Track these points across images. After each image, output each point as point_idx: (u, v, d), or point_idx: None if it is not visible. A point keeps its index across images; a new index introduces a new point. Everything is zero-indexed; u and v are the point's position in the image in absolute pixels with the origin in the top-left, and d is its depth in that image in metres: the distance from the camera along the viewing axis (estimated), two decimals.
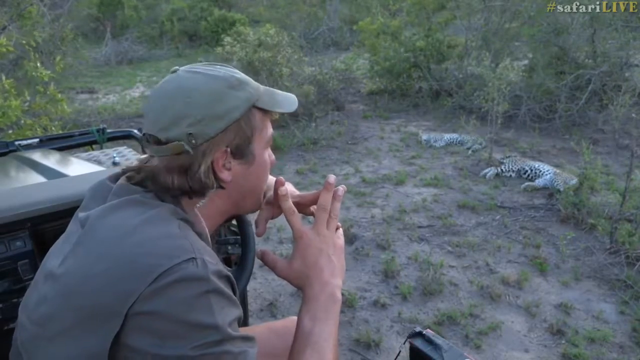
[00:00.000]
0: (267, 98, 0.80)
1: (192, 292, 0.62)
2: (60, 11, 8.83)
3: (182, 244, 0.66)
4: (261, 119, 0.79)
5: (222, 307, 0.64)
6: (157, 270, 0.61)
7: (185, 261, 0.63)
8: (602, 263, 3.04)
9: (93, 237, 0.69)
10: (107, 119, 6.86)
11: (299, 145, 5.70)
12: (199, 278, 0.63)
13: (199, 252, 0.66)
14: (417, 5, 7.84)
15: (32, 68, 3.91)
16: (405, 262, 3.15)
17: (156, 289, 0.60)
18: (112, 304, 0.61)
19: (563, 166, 4.60)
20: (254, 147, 0.79)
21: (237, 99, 0.75)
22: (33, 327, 0.68)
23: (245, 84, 0.77)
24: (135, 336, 0.61)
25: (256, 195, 0.86)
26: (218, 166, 0.75)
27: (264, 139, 0.81)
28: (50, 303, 0.66)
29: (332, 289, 0.82)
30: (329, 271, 0.83)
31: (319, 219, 0.85)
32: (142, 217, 0.69)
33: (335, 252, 0.85)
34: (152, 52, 13.69)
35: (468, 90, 6.62)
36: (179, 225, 0.70)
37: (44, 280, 0.70)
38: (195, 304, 0.62)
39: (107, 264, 0.64)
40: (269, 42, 6.34)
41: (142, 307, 0.60)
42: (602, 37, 5.98)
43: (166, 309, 0.60)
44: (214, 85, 0.74)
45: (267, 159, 0.83)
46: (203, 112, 0.72)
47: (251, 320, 2.46)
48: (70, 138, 2.05)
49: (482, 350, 2.34)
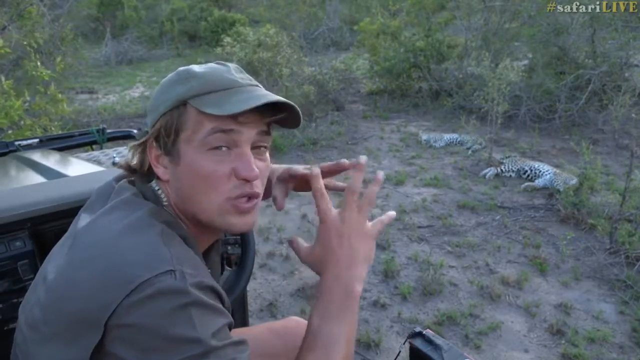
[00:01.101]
0: (216, 97, 0.70)
1: (171, 305, 0.60)
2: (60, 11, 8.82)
3: (161, 254, 0.64)
4: (196, 118, 0.70)
5: (203, 319, 0.62)
6: (136, 281, 0.60)
7: (163, 273, 0.61)
8: (602, 263, 3.04)
9: (82, 241, 0.69)
10: (106, 119, 6.87)
11: (299, 146, 5.70)
12: (177, 291, 0.61)
13: (179, 263, 0.63)
14: (417, 6, 7.86)
15: (32, 68, 3.91)
16: (405, 262, 3.15)
17: (135, 302, 0.59)
18: (92, 313, 0.60)
19: (563, 166, 4.60)
20: (180, 146, 0.71)
21: (172, 93, 0.72)
22: (27, 329, 0.68)
23: (193, 78, 0.72)
24: (119, 347, 0.60)
25: (200, 206, 0.73)
26: (151, 158, 0.76)
27: (197, 141, 0.70)
28: (41, 306, 0.66)
29: (349, 281, 0.75)
30: (347, 261, 0.75)
31: (347, 202, 0.77)
32: (125, 222, 0.68)
33: (361, 239, 0.77)
34: (152, 53, 13.71)
35: (468, 91, 6.62)
36: (161, 230, 0.68)
37: (41, 283, 0.70)
38: (175, 318, 0.60)
39: (90, 271, 0.63)
40: (268, 42, 6.34)
41: (121, 319, 0.59)
42: (602, 37, 5.99)
43: (146, 322, 0.59)
44: (169, 78, 0.76)
45: (205, 164, 0.70)
46: (151, 103, 0.76)
47: (251, 320, 2.46)
48: (70, 138, 2.05)
49: (482, 351, 2.34)
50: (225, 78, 0.72)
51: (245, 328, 1.31)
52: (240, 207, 0.72)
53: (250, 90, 0.72)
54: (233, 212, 0.73)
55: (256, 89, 0.73)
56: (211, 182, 0.71)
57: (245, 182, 0.72)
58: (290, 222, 3.74)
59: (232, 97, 0.70)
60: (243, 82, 0.73)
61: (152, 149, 0.75)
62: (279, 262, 3.16)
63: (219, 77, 0.72)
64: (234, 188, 0.71)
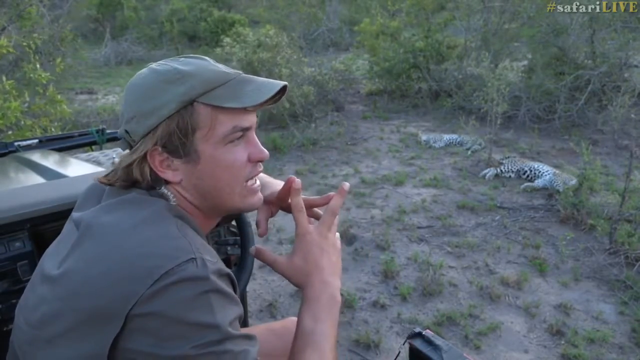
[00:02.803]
0: (224, 91, 0.72)
1: (192, 292, 0.61)
2: (59, 12, 8.83)
3: (181, 244, 0.65)
4: (210, 114, 0.72)
5: (222, 306, 0.64)
6: (158, 272, 0.61)
7: (185, 262, 0.62)
8: (601, 263, 3.04)
9: (92, 238, 0.68)
10: (106, 120, 6.87)
11: (299, 146, 5.70)
12: (199, 278, 0.62)
13: (199, 252, 0.65)
14: (416, 6, 7.86)
15: (31, 70, 3.91)
16: (405, 262, 3.15)
17: (156, 291, 0.60)
18: (113, 306, 0.61)
19: (562, 167, 4.60)
20: (196, 145, 0.72)
21: (171, 94, 0.71)
22: (30, 329, 0.68)
23: (189, 77, 0.72)
24: (134, 338, 0.60)
25: (223, 195, 0.77)
26: (154, 164, 0.73)
27: (217, 136, 0.73)
28: (48, 305, 0.66)
29: (333, 289, 0.82)
30: (329, 271, 0.83)
31: (326, 221, 0.85)
32: (139, 216, 0.69)
33: (336, 254, 0.85)
34: (151, 53, 13.69)
35: (467, 91, 6.63)
36: (176, 223, 0.69)
37: (41, 282, 0.70)
38: (195, 304, 0.61)
39: (107, 266, 0.64)
40: (268, 42, 6.34)
41: (142, 309, 0.60)
42: (601, 37, 5.99)
43: (166, 309, 0.60)
44: (150, 80, 0.73)
45: (227, 157, 0.74)
46: (135, 109, 0.73)
47: (250, 321, 2.46)
48: (69, 139, 2.05)
49: (481, 351, 2.34)
50: (217, 71, 0.75)
51: (245, 328, 1.31)
52: (254, 188, 0.80)
53: (248, 79, 0.76)
54: (252, 193, 0.80)
55: (251, 78, 0.77)
56: (234, 172, 0.76)
57: (256, 163, 0.79)
58: (290, 222, 3.72)
59: (243, 89, 0.74)
60: (230, 72, 0.76)
61: (156, 155, 0.73)
62: None
63: (211, 71, 0.74)
64: (249, 171, 0.78)
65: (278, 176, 4.79)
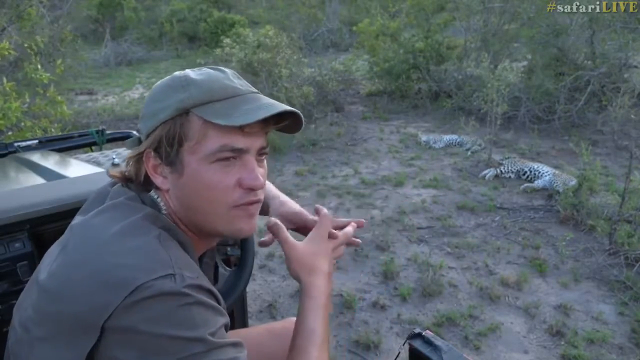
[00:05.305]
0: (221, 106, 0.68)
1: (171, 305, 0.60)
2: (59, 12, 8.82)
3: (161, 257, 0.63)
4: (201, 127, 0.68)
5: (204, 317, 0.62)
6: (133, 284, 0.59)
7: (163, 277, 0.61)
8: (601, 264, 3.04)
9: (75, 243, 0.68)
10: (106, 120, 6.87)
11: (298, 147, 5.70)
12: (176, 293, 0.61)
13: (178, 267, 0.63)
14: (416, 7, 7.86)
15: (32, 70, 3.91)
16: (405, 263, 3.15)
17: (132, 303, 0.59)
18: (89, 315, 0.60)
19: (562, 167, 4.61)
20: (183, 156, 0.70)
21: (171, 100, 0.70)
22: (20, 330, 0.68)
23: (192, 85, 0.70)
24: (118, 350, 0.60)
25: (205, 216, 0.73)
26: (148, 167, 0.73)
27: (203, 152, 0.69)
28: (35, 307, 0.66)
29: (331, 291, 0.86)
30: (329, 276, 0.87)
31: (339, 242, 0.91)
32: (122, 224, 0.67)
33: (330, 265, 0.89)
34: (151, 54, 13.72)
35: (467, 92, 6.63)
36: (159, 235, 0.67)
37: (32, 284, 0.70)
38: (175, 318, 0.60)
39: (84, 272, 0.63)
40: (268, 43, 6.35)
41: (119, 321, 0.59)
42: (601, 38, 6.00)
43: (146, 324, 0.59)
44: (164, 83, 0.74)
45: (210, 175, 0.69)
46: (145, 109, 0.74)
47: (250, 321, 2.45)
48: (69, 139, 2.05)
49: (481, 352, 2.34)
50: (227, 85, 0.71)
51: (245, 329, 1.31)
52: (243, 216, 0.74)
53: (254, 98, 0.72)
54: (242, 216, 0.74)
55: (259, 97, 0.73)
56: (217, 193, 0.70)
57: (250, 191, 0.72)
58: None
59: (239, 107, 0.69)
60: (243, 89, 0.72)
61: (150, 158, 0.72)
62: (278, 263, 3.16)
63: (220, 84, 0.71)
64: (239, 197, 0.72)
65: (278, 176, 4.80)
